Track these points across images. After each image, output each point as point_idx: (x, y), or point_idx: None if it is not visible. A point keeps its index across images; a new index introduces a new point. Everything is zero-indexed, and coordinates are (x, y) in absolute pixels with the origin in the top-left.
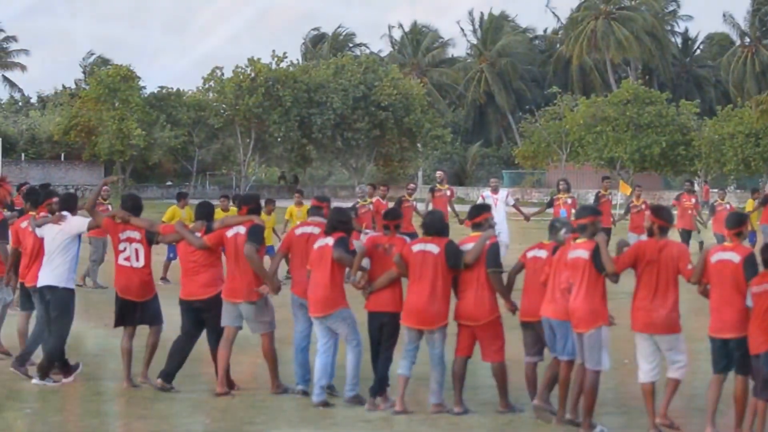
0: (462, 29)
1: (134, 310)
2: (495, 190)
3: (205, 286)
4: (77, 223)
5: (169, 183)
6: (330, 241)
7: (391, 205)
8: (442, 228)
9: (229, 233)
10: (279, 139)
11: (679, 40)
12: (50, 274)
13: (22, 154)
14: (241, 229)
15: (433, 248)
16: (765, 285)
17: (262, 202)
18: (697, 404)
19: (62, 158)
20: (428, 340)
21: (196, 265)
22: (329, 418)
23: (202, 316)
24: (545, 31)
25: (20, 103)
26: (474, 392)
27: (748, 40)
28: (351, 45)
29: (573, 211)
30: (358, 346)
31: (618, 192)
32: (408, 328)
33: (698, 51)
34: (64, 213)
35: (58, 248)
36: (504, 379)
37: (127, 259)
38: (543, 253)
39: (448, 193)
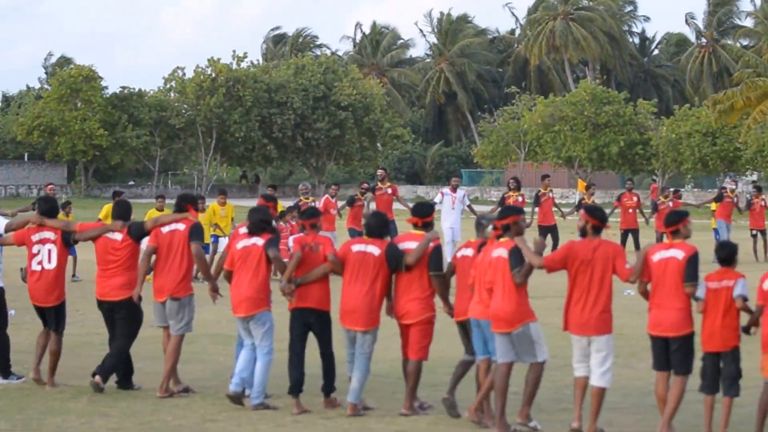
0: (421, 30)
1: (45, 314)
2: (454, 189)
3: (120, 288)
4: None
5: (131, 183)
6: (259, 241)
7: (341, 204)
8: (383, 230)
9: (165, 230)
10: (240, 139)
11: (636, 40)
12: None
13: None
14: (180, 226)
15: (374, 250)
16: (725, 282)
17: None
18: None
19: (25, 158)
20: (360, 340)
21: (115, 266)
22: (289, 415)
23: (113, 316)
24: (503, 31)
25: None
26: (434, 389)
27: (704, 40)
28: (311, 45)
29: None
30: (269, 354)
31: (576, 191)
32: (346, 330)
33: (656, 51)
34: None
35: None
36: (416, 379)
37: (40, 263)
38: (470, 252)
39: (390, 191)
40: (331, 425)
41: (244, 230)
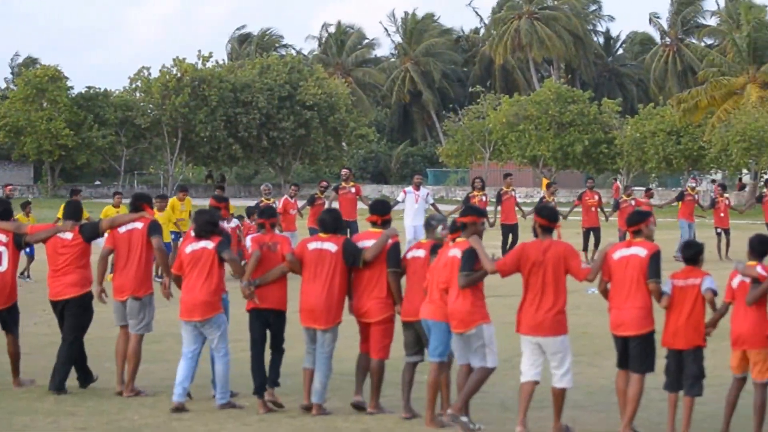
0: (386, 29)
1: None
2: (417, 187)
3: (72, 286)
4: None
5: (97, 183)
6: (208, 244)
7: (301, 203)
8: (338, 226)
9: (122, 230)
10: (205, 139)
11: (601, 40)
12: None
13: None
14: (138, 225)
15: (331, 246)
16: (691, 280)
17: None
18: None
19: None
20: (320, 339)
21: (65, 264)
22: (254, 414)
23: (63, 314)
24: (468, 30)
25: None
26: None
27: (669, 39)
28: (276, 45)
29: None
30: (226, 355)
31: (541, 190)
32: (305, 328)
33: (620, 50)
34: None
35: None
36: (380, 378)
37: None
38: (422, 253)
39: (353, 190)
40: (297, 424)
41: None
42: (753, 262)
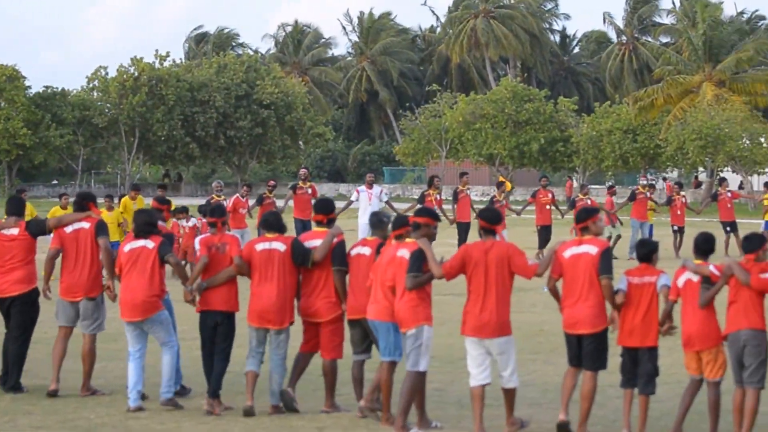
0: (344, 27)
1: None
2: (370, 185)
3: (18, 282)
4: None
5: (55, 182)
6: (149, 243)
7: (251, 202)
8: (281, 225)
9: (68, 230)
10: (162, 138)
11: (557, 38)
12: None
13: None
14: (85, 225)
15: (280, 246)
16: (646, 278)
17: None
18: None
19: None
20: (274, 340)
21: (12, 261)
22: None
23: (10, 311)
24: (425, 29)
25: None
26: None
27: (625, 38)
28: (233, 44)
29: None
30: (174, 347)
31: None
32: (255, 328)
33: (576, 49)
34: None
35: None
36: (334, 378)
37: None
38: (367, 251)
39: (310, 191)
40: (253, 423)
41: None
42: (699, 261)
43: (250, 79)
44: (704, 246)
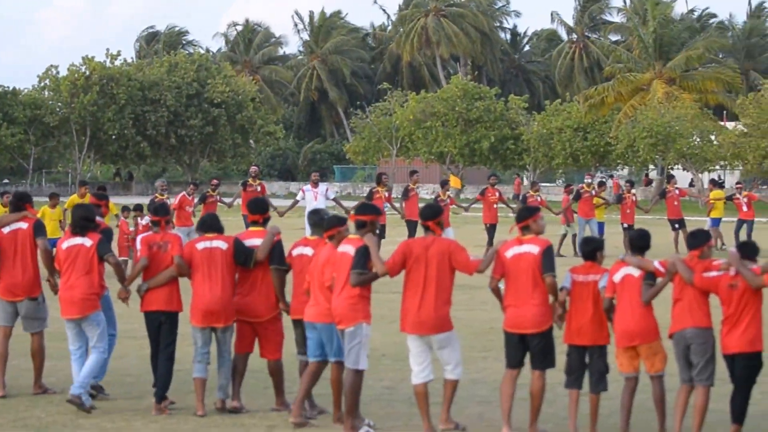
0: (296, 25)
1: None
2: (315, 184)
3: None
4: None
5: (5, 181)
6: (86, 241)
7: (195, 201)
8: (218, 226)
9: (6, 230)
10: (114, 137)
11: (508, 36)
12: None
13: None
14: (23, 225)
15: (221, 244)
16: (591, 276)
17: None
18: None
19: None
20: (220, 338)
21: None
22: (161, 411)
23: None
24: (375, 27)
25: None
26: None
27: (575, 36)
28: (184, 43)
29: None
30: (104, 353)
31: (450, 186)
32: (200, 329)
33: (527, 47)
34: None
35: None
36: (280, 377)
37: None
38: (308, 251)
39: (259, 188)
40: (204, 421)
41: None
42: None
43: (200, 78)
44: (639, 242)
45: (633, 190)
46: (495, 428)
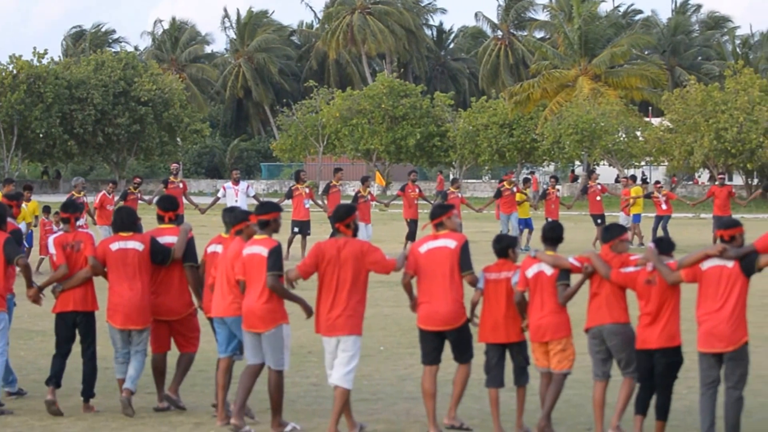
0: (223, 23)
1: None
2: (236, 182)
3: None
4: None
5: None
6: None
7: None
8: (135, 223)
9: None
10: (41, 135)
11: (433, 33)
12: None
13: None
14: None
15: (137, 245)
16: (504, 273)
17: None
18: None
19: None
20: (135, 339)
21: None
22: (89, 411)
23: None
24: (302, 25)
25: None
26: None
27: (500, 33)
28: (111, 41)
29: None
30: (3, 355)
31: (374, 183)
32: (119, 330)
33: (452, 44)
34: None
35: None
36: (187, 369)
37: None
38: (221, 249)
39: (181, 185)
40: (132, 419)
41: None
42: (549, 251)
43: (127, 76)
44: (551, 234)
45: (557, 186)
46: (422, 424)
